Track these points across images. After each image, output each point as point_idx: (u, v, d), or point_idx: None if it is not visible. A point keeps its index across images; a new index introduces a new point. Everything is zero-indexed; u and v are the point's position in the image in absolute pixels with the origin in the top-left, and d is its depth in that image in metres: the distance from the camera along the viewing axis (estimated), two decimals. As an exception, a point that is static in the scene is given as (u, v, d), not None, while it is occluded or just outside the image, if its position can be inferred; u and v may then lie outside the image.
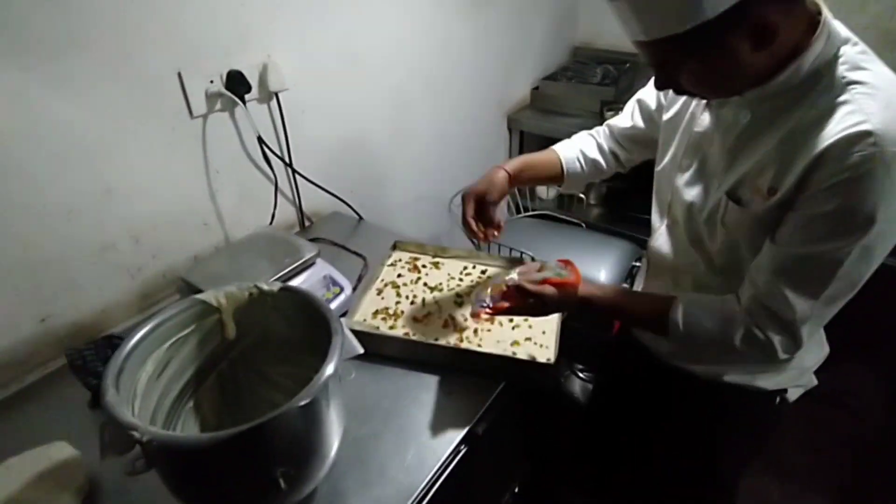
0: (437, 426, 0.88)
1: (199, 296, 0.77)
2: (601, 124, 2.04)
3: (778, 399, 0.97)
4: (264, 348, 0.85)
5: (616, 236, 1.67)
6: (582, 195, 2.14)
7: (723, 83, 0.71)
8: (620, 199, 2.11)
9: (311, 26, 1.26)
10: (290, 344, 0.83)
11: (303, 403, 0.63)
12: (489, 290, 0.90)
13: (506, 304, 0.87)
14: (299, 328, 0.81)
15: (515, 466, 1.33)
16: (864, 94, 0.65)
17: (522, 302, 0.86)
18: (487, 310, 0.89)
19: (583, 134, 1.17)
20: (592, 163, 1.12)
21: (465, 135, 1.96)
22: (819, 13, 0.68)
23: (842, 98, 0.66)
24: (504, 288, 0.88)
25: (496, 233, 1.02)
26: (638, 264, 1.60)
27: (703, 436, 1.03)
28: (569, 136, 2.06)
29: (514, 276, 0.88)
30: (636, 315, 0.91)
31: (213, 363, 0.83)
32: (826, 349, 0.98)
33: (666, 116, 0.94)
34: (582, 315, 0.90)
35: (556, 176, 1.12)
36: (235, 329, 0.81)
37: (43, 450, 0.80)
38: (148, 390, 0.71)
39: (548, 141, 2.34)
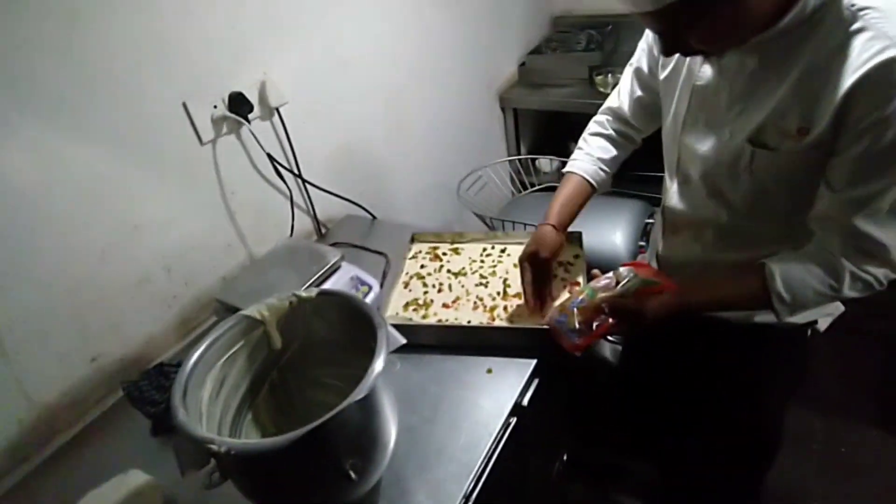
0: (485, 403, 0.92)
1: (243, 312, 0.81)
2: (592, 89, 2.05)
3: (809, 331, 0.99)
4: (310, 353, 0.89)
5: (627, 197, 1.69)
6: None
7: (733, 33, 0.71)
8: (628, 161, 2.11)
9: (301, 38, 1.28)
10: (334, 345, 0.87)
11: (360, 397, 0.67)
12: (574, 315, 0.88)
13: (605, 328, 0.86)
14: (340, 329, 0.84)
15: (561, 436, 1.37)
16: (878, 17, 0.65)
17: (624, 322, 0.86)
18: (587, 341, 0.87)
19: (589, 136, 1.14)
20: (612, 160, 1.12)
21: (460, 120, 1.99)
22: None
23: (856, 26, 0.66)
24: (593, 309, 0.86)
25: (547, 305, 1.02)
26: (651, 221, 1.62)
27: (742, 379, 1.05)
28: (559, 106, 2.09)
29: (590, 292, 0.87)
30: (736, 303, 0.90)
31: (264, 374, 0.87)
32: None
33: (662, 75, 0.94)
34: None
35: (590, 192, 1.11)
36: (281, 338, 0.85)
37: (120, 479, 0.85)
38: (210, 407, 0.75)
39: (542, 115, 2.38)
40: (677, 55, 0.90)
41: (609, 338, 1.81)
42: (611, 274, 0.92)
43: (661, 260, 1.08)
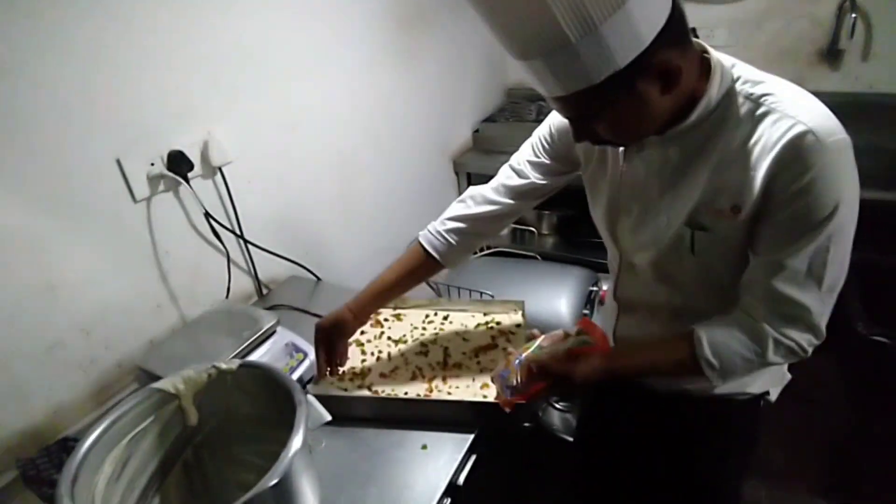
0: (418, 483, 0.87)
1: (155, 385, 0.75)
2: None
3: (762, 402, 1.00)
4: (230, 429, 0.83)
5: (572, 264, 1.72)
6: (533, 228, 2.20)
7: (638, 127, 0.75)
8: (572, 226, 2.17)
9: (248, 99, 1.28)
10: (256, 421, 0.82)
11: (273, 483, 0.62)
12: (515, 373, 0.87)
13: (537, 388, 0.86)
14: (263, 403, 0.79)
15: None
16: (777, 101, 0.71)
17: (553, 384, 0.87)
18: (519, 398, 0.87)
19: (467, 199, 1.14)
20: (474, 220, 1.10)
21: (414, 184, 2.01)
22: (705, 52, 0.75)
23: (760, 111, 0.72)
24: (531, 369, 0.86)
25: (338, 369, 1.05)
26: (595, 289, 1.64)
27: (700, 451, 1.04)
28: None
29: (536, 349, 0.88)
30: (664, 369, 0.90)
31: (176, 453, 0.80)
32: None
33: (586, 173, 0.96)
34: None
35: (426, 267, 1.11)
36: (197, 414, 0.79)
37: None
38: (108, 494, 0.68)
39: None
40: (596, 152, 0.92)
41: (557, 405, 1.79)
42: (560, 330, 0.92)
43: (617, 339, 1.08)
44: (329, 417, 0.76)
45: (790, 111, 0.70)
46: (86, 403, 1.06)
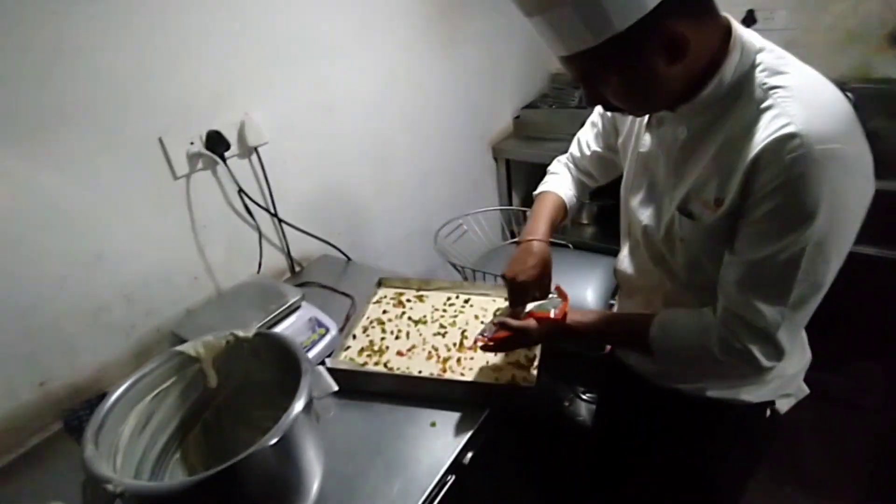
0: (422, 458, 0.89)
1: (177, 347, 0.81)
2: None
3: (768, 411, 0.96)
4: (247, 394, 0.88)
5: (602, 254, 1.68)
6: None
7: (644, 98, 0.74)
8: (611, 216, 2.12)
9: (285, 82, 1.33)
10: (271, 387, 0.86)
11: (272, 442, 0.66)
12: (492, 322, 0.97)
13: (498, 336, 0.92)
14: (278, 371, 0.83)
15: (520, 494, 1.32)
16: (785, 97, 0.67)
17: (507, 335, 0.92)
18: (481, 339, 0.94)
19: (559, 166, 1.18)
20: (578, 192, 1.15)
21: (451, 169, 2.02)
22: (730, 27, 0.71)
23: (765, 104, 0.68)
24: (499, 323, 0.94)
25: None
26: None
27: (695, 453, 1.02)
28: (553, 160, 2.11)
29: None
30: (618, 337, 0.95)
31: (197, 412, 0.86)
32: (808, 355, 0.96)
33: (619, 140, 0.97)
34: (570, 340, 0.94)
35: (565, 215, 1.12)
36: (216, 377, 0.84)
37: (39, 511, 0.83)
38: (131, 444, 0.74)
39: (533, 167, 2.41)
40: (629, 120, 0.92)
41: (583, 396, 1.77)
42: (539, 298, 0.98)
43: None
44: (336, 388, 0.79)
45: (791, 109, 0.66)
46: (127, 364, 1.15)
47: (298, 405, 0.68)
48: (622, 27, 0.63)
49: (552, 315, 0.91)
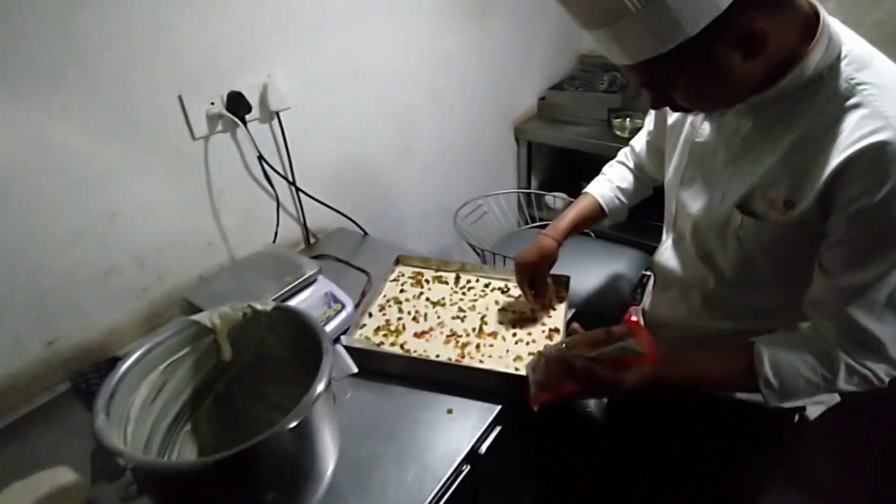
0: (438, 446, 0.87)
1: (193, 317, 0.77)
2: (609, 131, 2.02)
3: (797, 417, 0.93)
4: (262, 369, 0.85)
5: (626, 245, 1.63)
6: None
7: (718, 96, 0.68)
8: (641, 208, 2.07)
9: (310, 45, 1.27)
10: (288, 363, 0.83)
11: (292, 426, 0.63)
12: (543, 366, 0.82)
13: (566, 389, 0.81)
14: (295, 347, 0.80)
15: (526, 485, 1.30)
16: (876, 95, 0.61)
17: (596, 389, 0.81)
18: (546, 395, 0.82)
19: (613, 164, 1.16)
20: (631, 192, 1.11)
21: (472, 147, 1.96)
22: (816, 14, 0.65)
23: (852, 101, 0.62)
24: (566, 364, 0.80)
25: (545, 300, 1.06)
26: (648, 273, 1.56)
27: (718, 454, 0.99)
28: (575, 145, 2.06)
29: (570, 342, 0.82)
30: (717, 382, 0.85)
31: (210, 385, 0.83)
32: None
33: (669, 121, 0.92)
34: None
35: (600, 216, 1.12)
36: (231, 350, 0.81)
37: (45, 474, 0.81)
38: (142, 414, 0.71)
39: (556, 151, 2.35)
40: None
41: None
42: (601, 330, 0.83)
43: (647, 316, 1.03)
44: (356, 369, 0.76)
45: (886, 110, 0.60)
46: (137, 328, 1.12)
47: (319, 387, 0.65)
48: (694, 31, 0.57)
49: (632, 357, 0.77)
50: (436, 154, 1.80)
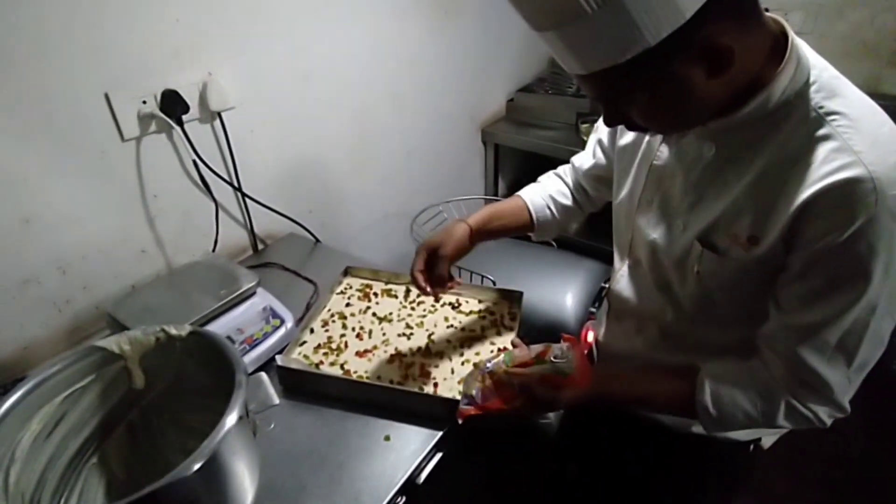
0: (371, 475, 0.81)
1: (99, 342, 0.71)
2: (577, 136, 1.98)
3: (752, 446, 0.91)
4: (181, 395, 0.79)
5: (587, 256, 1.60)
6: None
7: (677, 116, 0.63)
8: (600, 213, 2.04)
9: (258, 42, 1.20)
10: (207, 390, 0.76)
11: (196, 468, 0.57)
12: (478, 380, 0.80)
13: (494, 405, 0.78)
14: (214, 374, 0.74)
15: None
16: (846, 127, 0.57)
17: (532, 406, 0.77)
18: (472, 409, 0.79)
19: (551, 175, 1.09)
20: (563, 208, 1.04)
21: (437, 150, 1.90)
22: (784, 35, 0.60)
23: (821, 132, 0.58)
24: (501, 380, 0.78)
25: (443, 290, 0.93)
26: (606, 286, 1.53)
27: (671, 486, 0.96)
28: (543, 149, 2.02)
29: (507, 358, 0.78)
30: (656, 404, 0.82)
31: (121, 413, 0.76)
32: None
33: (620, 143, 0.86)
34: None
35: (527, 224, 1.03)
36: (144, 377, 0.74)
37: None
38: (33, 452, 0.64)
39: (525, 155, 2.32)
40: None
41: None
42: (542, 345, 0.81)
43: (601, 347, 0.99)
44: (277, 401, 0.70)
45: (856, 144, 0.56)
46: (59, 342, 1.04)
47: (229, 420, 0.59)
48: (655, 41, 0.52)
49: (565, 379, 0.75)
50: (396, 157, 1.74)
